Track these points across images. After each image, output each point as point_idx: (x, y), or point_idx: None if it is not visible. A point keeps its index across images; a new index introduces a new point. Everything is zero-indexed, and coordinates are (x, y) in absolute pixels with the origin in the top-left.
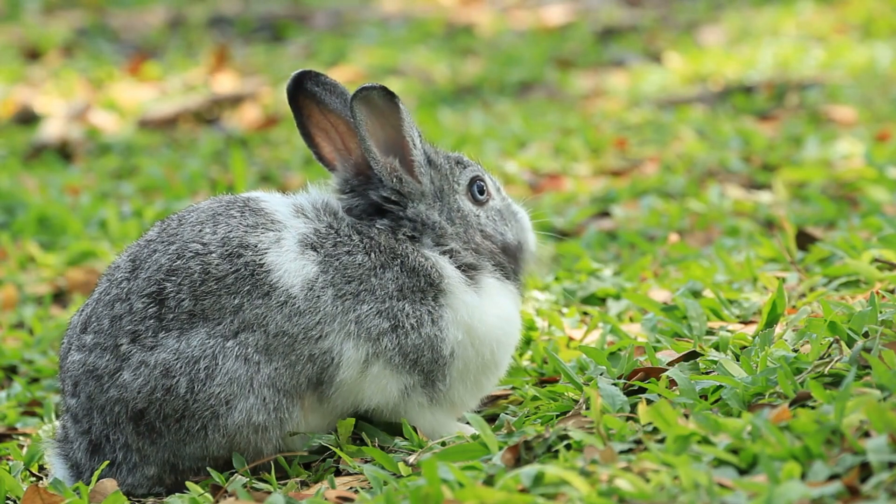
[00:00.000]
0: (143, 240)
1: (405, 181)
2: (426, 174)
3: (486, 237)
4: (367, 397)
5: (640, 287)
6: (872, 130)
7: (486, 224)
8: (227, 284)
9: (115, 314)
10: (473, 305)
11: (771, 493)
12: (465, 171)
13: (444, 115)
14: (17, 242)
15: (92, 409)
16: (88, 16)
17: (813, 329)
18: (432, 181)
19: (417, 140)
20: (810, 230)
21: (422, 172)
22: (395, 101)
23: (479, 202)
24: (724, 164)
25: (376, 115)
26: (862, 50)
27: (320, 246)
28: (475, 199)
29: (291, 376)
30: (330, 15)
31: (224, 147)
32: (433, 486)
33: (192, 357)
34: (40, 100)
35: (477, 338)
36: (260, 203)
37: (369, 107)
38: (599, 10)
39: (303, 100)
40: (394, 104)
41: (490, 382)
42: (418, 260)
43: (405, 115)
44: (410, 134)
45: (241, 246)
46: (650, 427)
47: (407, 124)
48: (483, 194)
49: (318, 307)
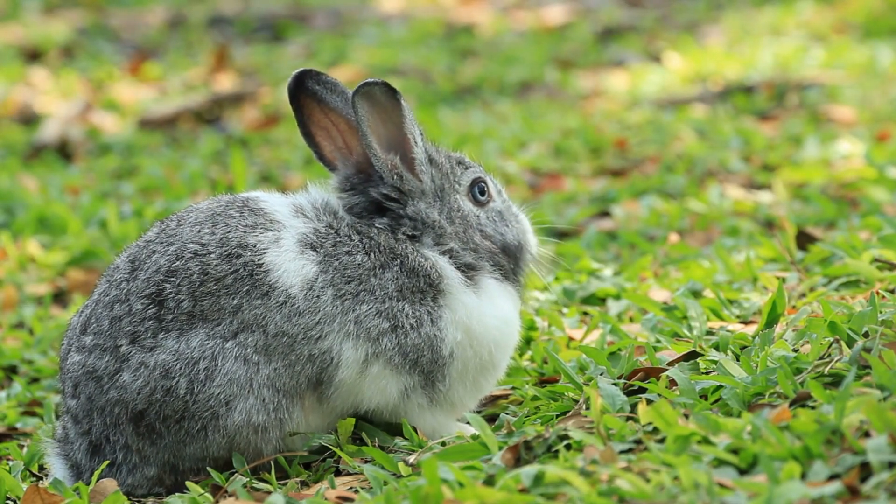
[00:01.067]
0: (141, 240)
1: (406, 178)
2: (427, 172)
3: (486, 237)
4: (366, 398)
5: (640, 287)
6: (872, 130)
7: (486, 224)
8: (226, 285)
9: (115, 315)
10: (472, 306)
11: (771, 493)
12: (467, 171)
13: (444, 115)
14: (17, 242)
15: (92, 410)
16: (88, 16)
17: (813, 329)
18: (433, 180)
19: (419, 138)
20: (810, 230)
21: (422, 171)
22: (397, 97)
23: (479, 203)
24: (724, 164)
25: (378, 112)
26: (862, 50)
27: (320, 246)
28: (476, 200)
29: (291, 376)
30: (330, 15)
31: (224, 147)
32: (433, 486)
33: (192, 358)
34: (40, 100)
35: (475, 338)
36: (259, 203)
37: (371, 102)
38: (599, 10)
39: (304, 99)
40: (396, 101)
41: (489, 383)
42: (418, 260)
43: (407, 112)
44: (412, 131)
45: (240, 246)
46: (650, 427)
47: (409, 121)
48: (484, 195)
49: (317, 307)
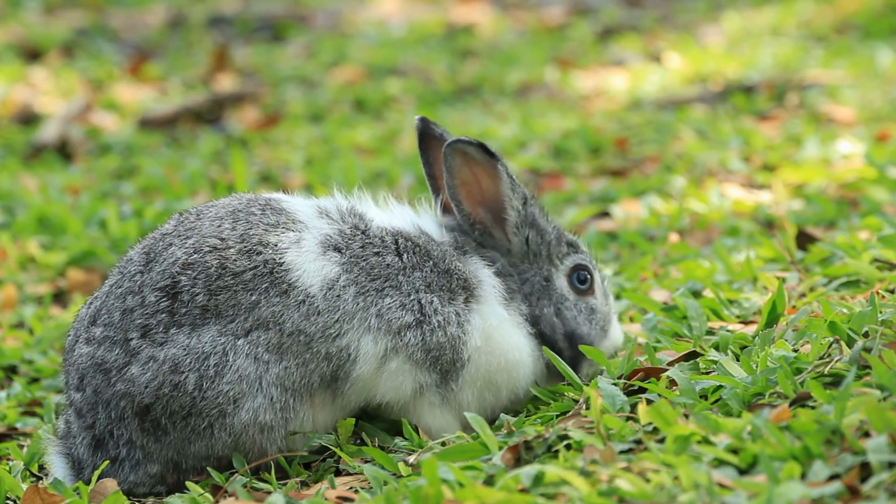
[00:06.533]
0: (157, 233)
1: (494, 235)
2: (520, 235)
3: (559, 316)
4: (380, 393)
5: (640, 287)
6: (872, 130)
7: (569, 308)
8: (244, 280)
9: (127, 307)
10: (503, 318)
11: (771, 493)
12: (575, 255)
13: (444, 115)
14: (17, 242)
15: (97, 403)
16: (88, 16)
17: (813, 329)
18: (528, 243)
19: (517, 202)
20: (810, 230)
21: (515, 233)
22: (494, 159)
23: (578, 291)
24: (724, 164)
25: (474, 167)
26: (862, 50)
27: (346, 247)
28: (574, 286)
29: (302, 375)
30: (330, 15)
31: (224, 147)
32: (433, 486)
33: (203, 353)
34: (40, 100)
35: (493, 348)
36: (281, 203)
37: (465, 158)
38: (599, 10)
39: (430, 141)
40: (493, 162)
41: (491, 396)
42: (455, 264)
43: (503, 175)
44: (508, 194)
45: (261, 243)
46: (650, 427)
47: (505, 184)
48: (585, 285)
49: (337, 305)
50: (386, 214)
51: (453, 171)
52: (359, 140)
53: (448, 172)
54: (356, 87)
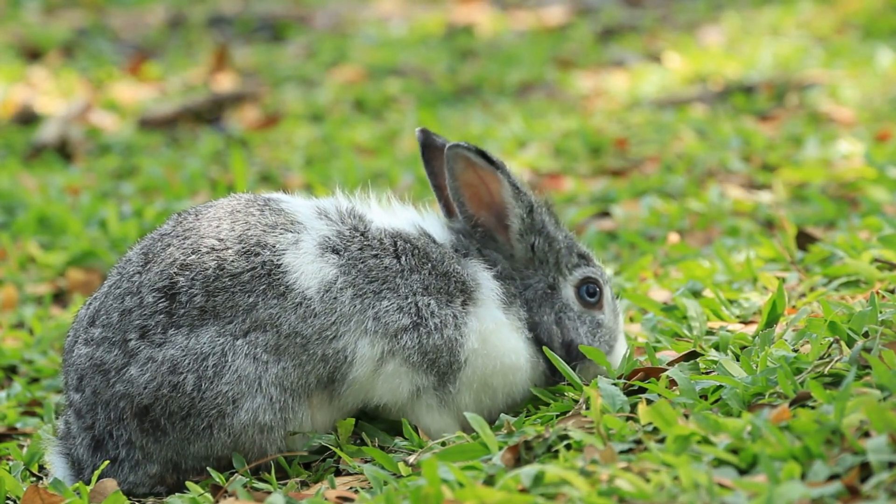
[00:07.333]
0: (156, 233)
1: (497, 240)
2: (524, 242)
3: (559, 324)
4: (377, 395)
5: (640, 287)
6: (872, 130)
7: (572, 318)
8: (242, 281)
9: (126, 308)
10: (500, 322)
11: (771, 493)
12: (586, 268)
13: (444, 115)
14: (17, 242)
15: (96, 403)
16: (88, 16)
17: (813, 329)
18: (533, 250)
19: (519, 209)
20: (810, 230)
21: (518, 239)
22: (493, 166)
23: (585, 303)
24: (724, 164)
25: (476, 172)
26: (862, 50)
27: (344, 249)
28: (582, 298)
29: (300, 376)
30: (330, 15)
31: (224, 147)
32: (433, 486)
33: (201, 354)
34: (40, 100)
35: (490, 350)
36: (280, 203)
37: (466, 163)
38: (599, 10)
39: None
40: (493, 170)
41: (488, 398)
42: (454, 266)
43: (505, 182)
44: (510, 201)
45: (259, 245)
46: (650, 427)
47: (507, 191)
48: (593, 298)
49: (334, 308)
50: (387, 215)
51: (455, 173)
52: (359, 140)
53: (450, 174)
54: (356, 87)
